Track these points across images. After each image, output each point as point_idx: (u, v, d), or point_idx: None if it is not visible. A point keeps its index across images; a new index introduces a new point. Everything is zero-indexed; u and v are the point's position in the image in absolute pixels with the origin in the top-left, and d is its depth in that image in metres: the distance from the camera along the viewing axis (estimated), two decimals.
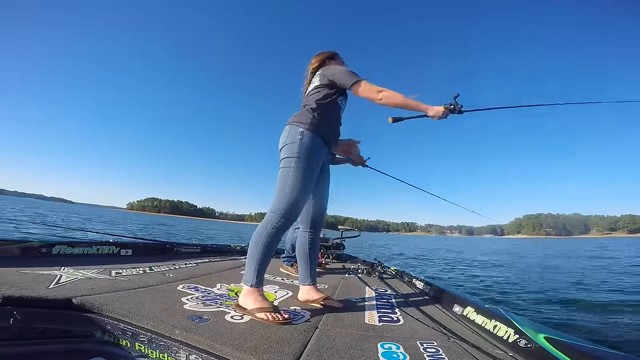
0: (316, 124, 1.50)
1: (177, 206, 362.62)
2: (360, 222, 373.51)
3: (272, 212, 1.42)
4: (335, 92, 1.58)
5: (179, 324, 1.04)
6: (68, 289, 1.25)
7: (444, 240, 59.02)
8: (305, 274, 1.67)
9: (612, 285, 5.20)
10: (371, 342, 1.10)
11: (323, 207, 1.74)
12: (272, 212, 1.41)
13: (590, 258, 11.67)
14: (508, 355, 1.10)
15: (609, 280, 5.77)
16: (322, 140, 1.53)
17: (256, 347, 0.94)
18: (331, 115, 1.59)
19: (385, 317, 1.47)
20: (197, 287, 1.64)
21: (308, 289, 1.63)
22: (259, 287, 1.35)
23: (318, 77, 1.62)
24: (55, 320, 1.10)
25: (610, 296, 4.31)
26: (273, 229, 1.38)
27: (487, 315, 1.39)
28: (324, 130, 1.53)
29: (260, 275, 1.36)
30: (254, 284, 1.34)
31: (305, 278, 1.66)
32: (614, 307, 3.66)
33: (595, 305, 3.67)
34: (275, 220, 1.39)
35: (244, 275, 1.37)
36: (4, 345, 0.94)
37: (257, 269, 1.35)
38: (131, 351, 1.04)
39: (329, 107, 1.57)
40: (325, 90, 1.57)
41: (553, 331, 1.09)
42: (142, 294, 1.36)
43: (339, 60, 1.79)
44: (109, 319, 1.10)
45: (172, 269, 2.07)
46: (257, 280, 1.34)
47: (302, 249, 1.70)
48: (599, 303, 3.80)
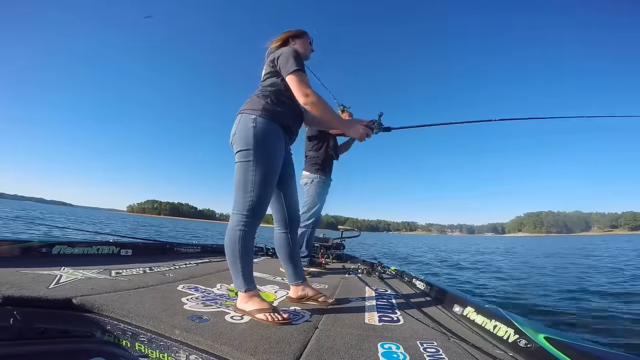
0: (270, 109, 1.36)
1: (177, 208, 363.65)
2: (360, 221, 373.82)
3: (236, 212, 1.32)
4: (282, 79, 1.42)
5: (179, 324, 1.04)
6: (68, 289, 1.25)
7: (456, 240, 54.45)
8: (294, 273, 1.61)
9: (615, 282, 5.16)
10: (371, 342, 1.10)
11: (294, 200, 1.62)
12: (237, 213, 1.32)
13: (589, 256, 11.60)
14: (508, 355, 1.09)
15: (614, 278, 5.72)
16: (280, 126, 1.40)
17: (256, 347, 0.94)
18: (289, 97, 1.43)
19: (385, 317, 1.47)
20: (197, 287, 1.64)
21: (302, 287, 1.61)
22: (253, 290, 1.32)
23: (269, 60, 1.46)
24: (55, 320, 1.10)
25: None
26: (242, 231, 1.30)
27: (487, 315, 1.39)
28: (280, 115, 1.39)
29: (249, 278, 1.32)
30: (247, 288, 1.30)
31: (295, 277, 1.62)
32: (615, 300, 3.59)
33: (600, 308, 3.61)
34: (242, 221, 1.31)
35: (234, 283, 1.33)
36: (4, 345, 0.94)
37: (242, 274, 1.30)
38: (131, 351, 1.04)
39: (283, 91, 1.43)
40: (274, 77, 1.44)
41: (553, 331, 1.09)
42: (142, 294, 1.36)
43: (305, 42, 1.62)
44: (109, 319, 1.10)
45: (172, 269, 2.07)
46: (247, 284, 1.31)
47: (282, 250, 1.60)
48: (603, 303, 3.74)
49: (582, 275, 6.33)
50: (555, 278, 6.15)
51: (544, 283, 5.52)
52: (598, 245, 21.78)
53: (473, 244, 29.87)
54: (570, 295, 4.29)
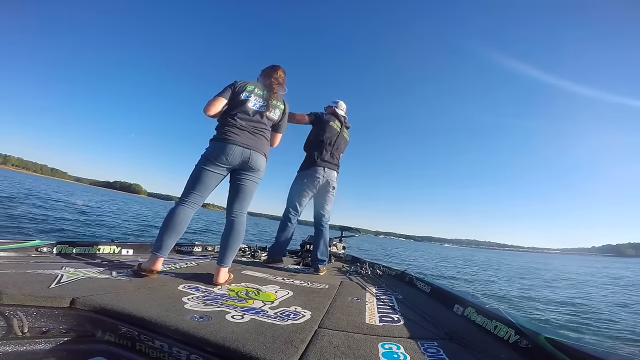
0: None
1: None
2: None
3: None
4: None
5: (179, 324, 1.04)
6: (69, 289, 1.25)
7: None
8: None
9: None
10: (372, 342, 1.10)
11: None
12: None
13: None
14: (509, 355, 1.09)
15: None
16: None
17: (257, 347, 0.94)
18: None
19: (385, 317, 1.47)
20: (197, 287, 1.64)
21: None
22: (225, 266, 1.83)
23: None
24: (56, 319, 1.10)
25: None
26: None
27: (487, 315, 1.39)
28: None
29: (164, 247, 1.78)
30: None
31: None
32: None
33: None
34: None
35: (227, 261, 1.84)
36: (5, 345, 0.94)
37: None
38: (132, 351, 1.05)
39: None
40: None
41: (554, 332, 1.09)
42: (143, 294, 1.36)
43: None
44: (110, 318, 1.10)
45: (173, 268, 2.07)
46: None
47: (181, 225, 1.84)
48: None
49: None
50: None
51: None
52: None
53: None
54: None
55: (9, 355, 0.93)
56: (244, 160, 1.87)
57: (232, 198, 1.95)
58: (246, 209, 1.99)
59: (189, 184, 1.84)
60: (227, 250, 1.85)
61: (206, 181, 1.83)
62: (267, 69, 2.17)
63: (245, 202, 1.96)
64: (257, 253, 3.26)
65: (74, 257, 2.00)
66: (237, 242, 1.90)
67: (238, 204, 1.94)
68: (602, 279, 12.42)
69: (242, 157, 1.86)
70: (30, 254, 1.85)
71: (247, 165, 1.90)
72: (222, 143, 1.83)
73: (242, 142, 1.86)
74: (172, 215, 1.78)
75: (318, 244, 2.76)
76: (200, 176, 1.82)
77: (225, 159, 1.82)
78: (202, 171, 1.83)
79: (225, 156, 1.82)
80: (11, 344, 0.95)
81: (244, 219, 1.96)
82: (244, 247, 3.60)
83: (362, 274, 2.75)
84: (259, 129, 1.95)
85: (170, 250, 1.82)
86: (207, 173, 1.83)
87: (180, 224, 1.80)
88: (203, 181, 1.83)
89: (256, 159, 1.91)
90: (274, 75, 2.10)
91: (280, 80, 2.11)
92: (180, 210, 1.80)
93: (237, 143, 1.84)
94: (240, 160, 1.87)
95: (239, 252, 3.47)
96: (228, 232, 1.90)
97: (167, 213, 1.80)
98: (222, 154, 1.81)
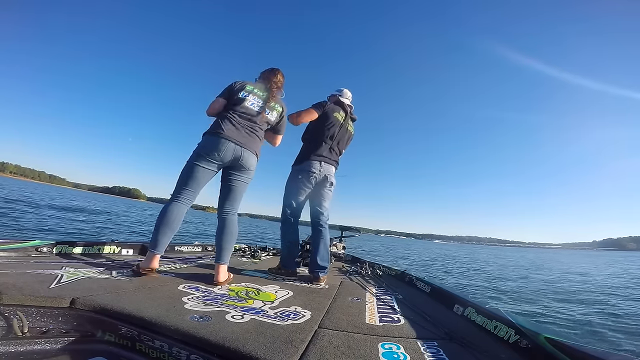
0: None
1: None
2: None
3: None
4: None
5: (179, 324, 1.04)
6: (69, 289, 1.25)
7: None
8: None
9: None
10: (372, 342, 1.10)
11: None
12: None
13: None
14: (509, 355, 1.09)
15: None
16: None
17: (257, 347, 0.94)
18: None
19: (385, 317, 1.47)
20: (197, 287, 1.64)
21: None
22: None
23: None
24: (55, 320, 1.10)
25: None
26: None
27: (487, 315, 1.38)
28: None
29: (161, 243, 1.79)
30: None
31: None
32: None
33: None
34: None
35: (224, 258, 1.85)
36: (5, 345, 0.94)
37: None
38: (132, 351, 1.05)
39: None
40: None
41: (554, 331, 1.09)
42: (143, 294, 1.36)
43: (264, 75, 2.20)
44: (110, 318, 1.10)
45: (173, 268, 2.07)
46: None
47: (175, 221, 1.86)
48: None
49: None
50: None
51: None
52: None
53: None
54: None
55: (9, 355, 0.93)
56: (235, 158, 1.88)
57: (223, 197, 1.97)
58: (237, 208, 2.01)
59: (181, 180, 1.85)
60: (223, 248, 1.87)
61: (198, 177, 1.84)
62: (266, 71, 2.18)
63: (236, 202, 1.99)
64: (257, 253, 3.26)
65: (74, 257, 2.00)
66: (231, 239, 1.91)
67: (229, 203, 1.96)
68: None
69: (234, 154, 1.87)
70: (30, 254, 1.85)
71: (238, 164, 1.91)
72: (215, 137, 1.84)
73: (235, 139, 1.86)
74: (166, 212, 1.79)
75: (317, 247, 2.33)
76: (192, 172, 1.83)
77: (217, 155, 1.83)
78: (193, 167, 1.83)
79: (217, 152, 1.82)
80: (11, 344, 0.95)
81: (235, 217, 1.98)
82: (244, 247, 3.60)
83: (362, 274, 2.75)
84: (254, 128, 1.97)
85: (166, 246, 1.82)
86: (199, 169, 1.83)
87: (174, 221, 1.80)
88: (195, 177, 1.83)
89: (247, 158, 1.92)
90: (273, 79, 2.11)
91: (279, 84, 2.13)
92: (173, 207, 1.81)
93: (230, 139, 1.84)
94: (231, 157, 1.87)
95: (239, 252, 3.48)
96: (221, 230, 1.92)
97: (160, 210, 1.83)
98: (215, 150, 1.82)
